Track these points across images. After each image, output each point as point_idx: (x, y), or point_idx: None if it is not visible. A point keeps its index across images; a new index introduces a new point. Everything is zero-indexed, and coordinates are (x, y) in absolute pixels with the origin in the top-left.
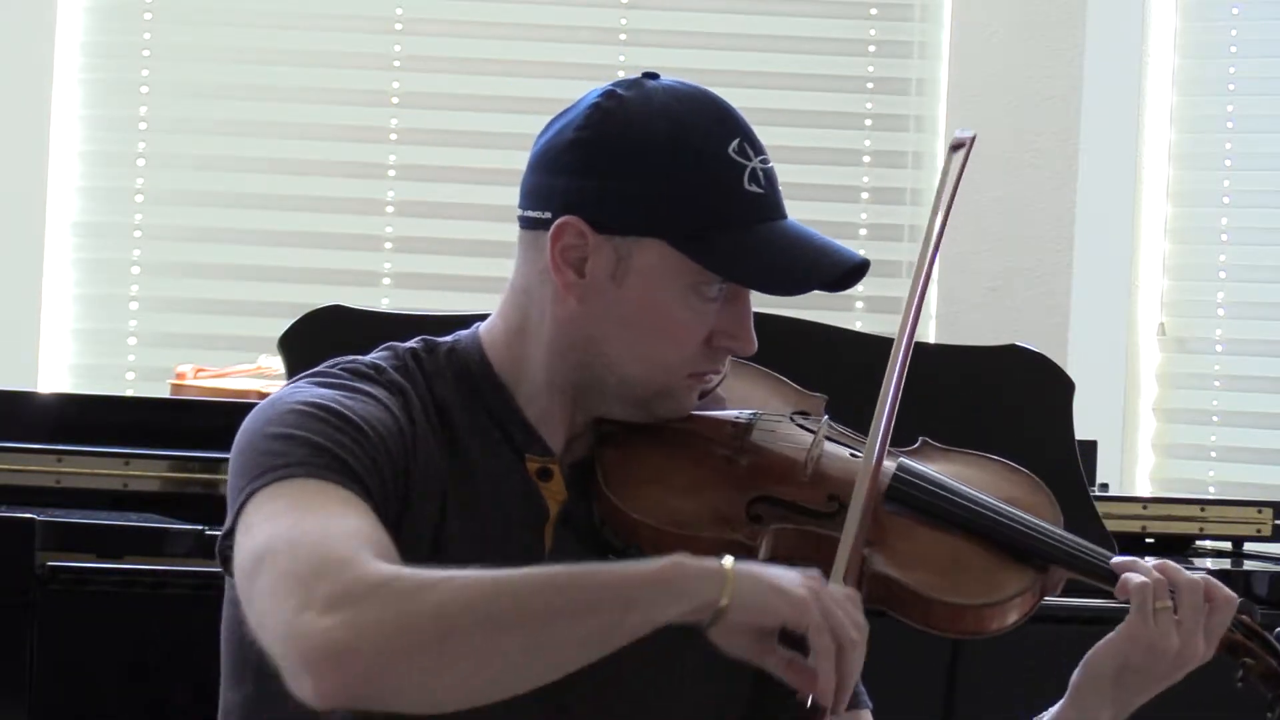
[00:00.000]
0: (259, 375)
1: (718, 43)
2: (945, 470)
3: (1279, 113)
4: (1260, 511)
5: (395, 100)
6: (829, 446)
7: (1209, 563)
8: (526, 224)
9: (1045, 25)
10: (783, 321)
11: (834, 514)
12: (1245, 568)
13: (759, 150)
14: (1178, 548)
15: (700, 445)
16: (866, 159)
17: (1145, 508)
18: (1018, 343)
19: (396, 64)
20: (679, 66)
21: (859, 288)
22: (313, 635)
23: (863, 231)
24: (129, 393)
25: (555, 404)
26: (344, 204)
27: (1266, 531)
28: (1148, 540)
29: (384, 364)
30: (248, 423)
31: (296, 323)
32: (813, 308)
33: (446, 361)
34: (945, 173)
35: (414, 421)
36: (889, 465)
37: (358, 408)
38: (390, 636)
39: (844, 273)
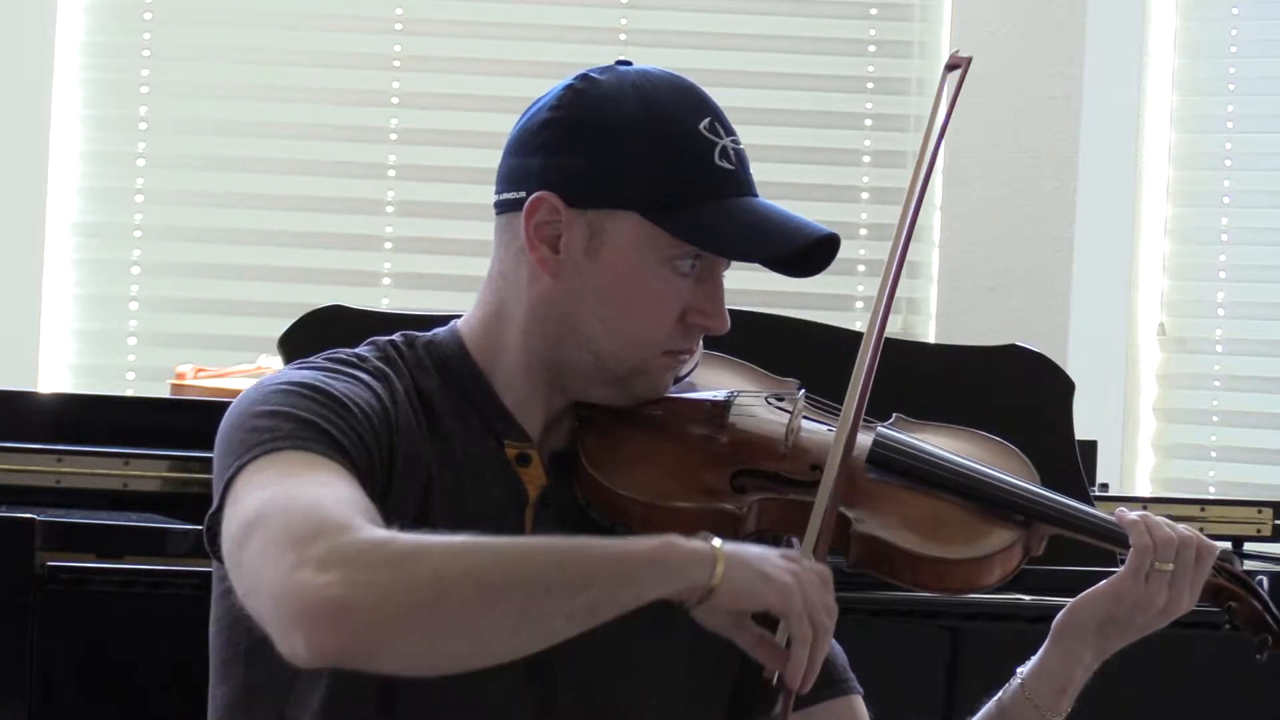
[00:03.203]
0: (259, 375)
1: (718, 43)
2: (921, 439)
3: (1279, 113)
4: (1260, 511)
5: (395, 100)
6: (806, 422)
7: None
8: (502, 208)
9: (1045, 25)
10: (783, 321)
11: (818, 482)
12: (1245, 568)
13: (730, 131)
14: None
15: (680, 426)
16: (866, 159)
17: (1145, 508)
18: (1018, 343)
19: (396, 64)
20: (679, 66)
21: (858, 287)
22: (307, 592)
23: (863, 231)
24: (129, 393)
25: (532, 389)
26: (344, 204)
27: (1266, 531)
28: None
29: (367, 354)
30: (232, 407)
31: (296, 323)
32: (814, 308)
33: (425, 352)
34: (939, 95)
35: (397, 403)
36: (867, 435)
37: (341, 387)
38: (386, 597)
39: (814, 240)
